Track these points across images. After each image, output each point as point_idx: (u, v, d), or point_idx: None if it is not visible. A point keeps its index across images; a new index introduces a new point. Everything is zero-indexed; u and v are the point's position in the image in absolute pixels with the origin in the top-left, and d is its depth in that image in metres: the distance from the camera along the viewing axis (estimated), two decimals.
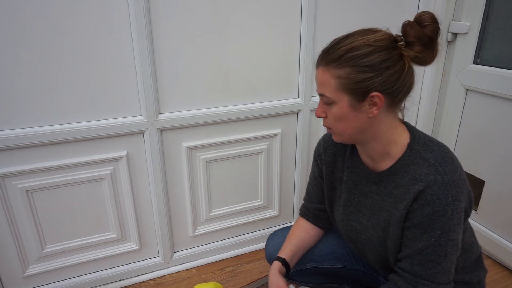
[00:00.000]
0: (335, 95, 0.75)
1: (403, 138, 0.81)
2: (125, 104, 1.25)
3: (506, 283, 1.46)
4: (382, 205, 0.85)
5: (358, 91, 0.74)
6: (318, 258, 1.09)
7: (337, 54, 0.74)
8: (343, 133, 0.81)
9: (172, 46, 1.24)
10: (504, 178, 1.48)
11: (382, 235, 0.86)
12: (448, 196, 0.73)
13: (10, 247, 1.27)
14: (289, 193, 1.68)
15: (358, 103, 0.75)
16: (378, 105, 0.74)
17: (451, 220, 0.75)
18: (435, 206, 0.74)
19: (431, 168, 0.75)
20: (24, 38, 1.07)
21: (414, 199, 0.76)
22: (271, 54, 1.39)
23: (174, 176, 1.42)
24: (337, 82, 0.74)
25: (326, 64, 0.75)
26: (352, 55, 0.72)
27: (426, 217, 0.75)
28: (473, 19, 1.52)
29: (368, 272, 1.11)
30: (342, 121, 0.78)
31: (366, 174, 0.88)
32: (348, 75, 0.73)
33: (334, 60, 0.74)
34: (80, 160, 1.25)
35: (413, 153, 0.79)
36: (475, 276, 0.93)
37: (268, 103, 1.45)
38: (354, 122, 0.78)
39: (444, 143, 0.83)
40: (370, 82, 0.72)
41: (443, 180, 0.74)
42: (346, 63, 0.73)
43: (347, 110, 0.76)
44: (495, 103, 1.48)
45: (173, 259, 1.54)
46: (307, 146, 1.59)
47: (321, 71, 0.77)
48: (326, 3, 1.40)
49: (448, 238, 0.76)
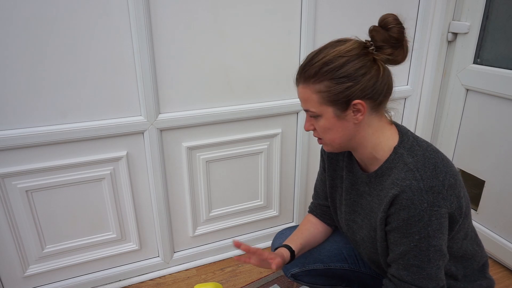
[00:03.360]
0: (319, 108, 0.78)
1: (390, 141, 0.82)
2: (125, 104, 1.25)
3: (506, 283, 1.46)
4: (372, 206, 0.87)
5: (340, 101, 0.76)
6: (326, 258, 1.08)
7: (314, 70, 0.76)
8: (333, 143, 0.83)
9: (172, 46, 1.24)
10: (504, 178, 1.48)
11: (373, 235, 0.87)
12: (423, 201, 0.73)
13: (10, 247, 1.27)
14: (289, 193, 1.68)
15: (342, 112, 0.78)
16: (362, 111, 0.77)
17: (429, 226, 0.74)
18: (410, 211, 0.74)
19: (408, 173, 0.76)
20: (23, 38, 1.07)
21: (391, 203, 0.77)
22: (271, 54, 1.39)
23: (174, 176, 1.42)
24: (319, 96, 0.77)
25: (304, 81, 0.78)
26: (328, 68, 0.75)
27: (403, 222, 0.76)
28: (473, 19, 1.52)
29: (374, 275, 1.10)
30: (330, 132, 0.81)
31: (360, 174, 0.90)
32: (327, 88, 0.76)
33: (311, 76, 0.77)
34: (80, 160, 1.25)
35: (397, 156, 0.80)
36: (477, 285, 0.92)
37: (268, 103, 1.45)
38: (342, 131, 0.80)
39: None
40: (349, 91, 0.75)
41: (418, 186, 0.74)
42: (324, 77, 0.75)
43: (333, 120, 0.79)
44: (495, 103, 1.48)
45: (173, 259, 1.54)
46: (307, 146, 1.59)
47: (302, 88, 0.80)
48: (326, 3, 1.40)
49: (429, 244, 0.76)
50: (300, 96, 0.81)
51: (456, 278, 0.88)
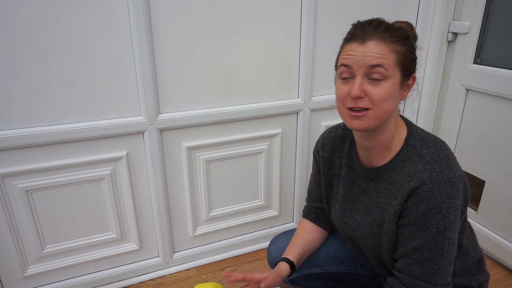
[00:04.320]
0: (392, 69, 0.73)
1: (402, 130, 0.82)
2: (125, 104, 1.25)
3: (506, 283, 1.46)
4: (377, 202, 0.85)
5: (408, 70, 0.76)
6: (322, 262, 1.08)
7: (396, 32, 0.74)
8: (382, 116, 0.76)
9: (172, 46, 1.24)
10: (504, 178, 1.48)
11: (377, 231, 0.86)
12: (443, 193, 0.73)
13: (10, 247, 1.26)
14: (289, 193, 1.68)
15: (403, 82, 0.76)
16: (409, 87, 0.78)
17: (447, 218, 0.75)
18: (430, 203, 0.74)
19: (426, 165, 0.75)
20: (23, 38, 1.07)
21: (409, 196, 0.76)
22: (271, 54, 1.39)
23: (174, 176, 1.42)
24: (396, 57, 0.73)
25: (382, 37, 0.73)
26: (406, 35, 0.75)
27: (421, 214, 0.75)
28: (473, 19, 1.52)
29: (371, 276, 1.10)
30: (389, 100, 0.75)
31: (363, 171, 0.88)
32: (404, 52, 0.74)
33: (392, 36, 0.74)
34: (80, 160, 1.25)
35: (409, 148, 0.79)
36: (474, 280, 0.92)
37: (268, 103, 1.45)
38: (395, 102, 0.77)
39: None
40: (413, 64, 0.77)
41: (437, 178, 0.74)
42: (404, 41, 0.75)
43: (396, 88, 0.75)
44: (495, 103, 1.48)
45: (173, 259, 1.54)
46: (307, 146, 1.59)
47: (376, 44, 0.73)
48: (326, 3, 1.40)
49: (444, 236, 0.75)
50: (369, 52, 0.73)
51: (454, 273, 0.88)
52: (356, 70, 0.73)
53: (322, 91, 1.53)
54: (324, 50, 1.47)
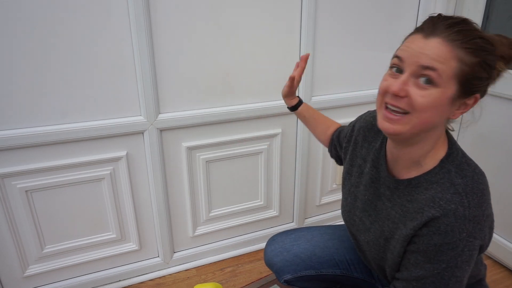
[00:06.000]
0: (447, 79, 0.63)
1: (440, 150, 0.73)
2: (125, 104, 1.25)
3: (507, 283, 1.46)
4: (390, 214, 0.78)
5: (469, 87, 0.64)
6: (317, 265, 1.08)
7: (469, 36, 0.63)
8: (418, 126, 0.66)
9: (172, 45, 1.24)
10: (504, 179, 1.48)
11: (382, 244, 0.80)
12: (463, 231, 0.65)
13: (10, 247, 1.26)
14: (289, 193, 1.68)
15: (458, 98, 0.65)
16: (467, 108, 0.67)
17: (460, 256, 0.67)
18: (446, 238, 0.66)
19: (456, 196, 0.66)
20: (23, 38, 1.07)
21: (426, 223, 0.68)
22: (271, 54, 1.39)
23: (174, 176, 1.42)
24: (458, 66, 0.62)
25: (450, 39, 0.62)
26: (483, 46, 0.63)
27: (433, 247, 0.68)
28: (473, 19, 1.49)
29: (367, 280, 1.10)
30: (431, 111, 0.64)
31: (385, 175, 0.80)
32: (472, 65, 0.63)
33: (464, 41, 0.62)
34: (79, 160, 1.25)
35: (442, 171, 0.70)
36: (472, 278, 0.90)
37: (268, 103, 1.45)
38: (438, 117, 0.66)
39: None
40: (482, 82, 0.65)
41: (463, 214, 0.65)
42: (475, 52, 0.63)
43: (445, 101, 0.64)
44: (495, 103, 1.48)
45: (173, 259, 1.54)
46: (307, 146, 1.59)
47: (439, 44, 0.62)
48: (326, 3, 1.40)
49: (452, 274, 0.68)
50: (428, 50, 0.63)
51: None
52: (407, 65, 0.65)
53: (322, 91, 1.53)
54: (324, 50, 1.47)
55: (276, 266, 1.08)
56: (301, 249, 1.08)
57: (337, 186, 1.77)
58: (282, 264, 1.07)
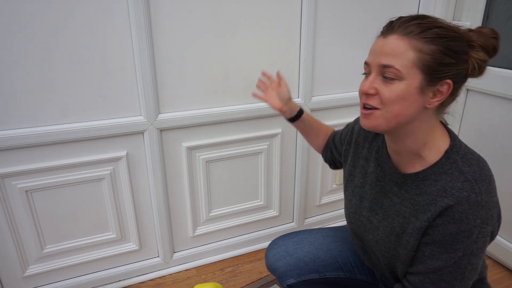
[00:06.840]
0: (408, 70, 0.66)
1: (440, 143, 0.75)
2: (125, 104, 1.25)
3: (507, 283, 1.46)
4: (399, 210, 0.79)
5: (435, 74, 0.66)
6: (321, 268, 1.07)
7: (425, 26, 0.66)
8: (392, 119, 0.70)
9: (172, 46, 1.24)
10: (504, 178, 1.48)
11: (393, 240, 0.80)
12: (477, 217, 0.67)
13: (10, 247, 1.26)
14: (289, 193, 1.68)
15: (427, 86, 0.67)
16: (443, 95, 0.69)
17: (475, 243, 0.69)
18: (461, 225, 0.67)
19: (466, 183, 0.69)
20: (23, 38, 1.07)
21: (440, 214, 0.70)
22: (271, 54, 1.39)
23: (174, 176, 1.42)
24: (417, 56, 0.65)
25: (405, 33, 0.66)
26: (442, 33, 0.66)
27: (449, 236, 0.69)
28: (473, 19, 1.52)
29: (370, 281, 1.09)
30: (400, 103, 0.68)
31: (391, 171, 0.81)
32: (433, 52, 0.65)
33: (419, 32, 0.66)
34: (79, 160, 1.25)
35: (449, 162, 0.72)
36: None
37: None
38: (411, 108, 0.68)
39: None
40: (449, 68, 0.67)
41: (476, 200, 0.67)
42: (434, 40, 0.65)
43: (414, 91, 0.67)
44: (495, 103, 1.48)
45: (173, 259, 1.54)
46: (307, 146, 1.59)
47: (395, 39, 0.67)
48: (326, 3, 1.40)
49: (469, 262, 0.70)
50: (386, 47, 0.68)
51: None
52: (372, 67, 0.70)
53: (322, 91, 1.53)
54: (324, 50, 1.47)
55: (279, 271, 1.06)
56: (304, 252, 1.07)
57: (337, 186, 1.77)
58: (286, 269, 1.05)
